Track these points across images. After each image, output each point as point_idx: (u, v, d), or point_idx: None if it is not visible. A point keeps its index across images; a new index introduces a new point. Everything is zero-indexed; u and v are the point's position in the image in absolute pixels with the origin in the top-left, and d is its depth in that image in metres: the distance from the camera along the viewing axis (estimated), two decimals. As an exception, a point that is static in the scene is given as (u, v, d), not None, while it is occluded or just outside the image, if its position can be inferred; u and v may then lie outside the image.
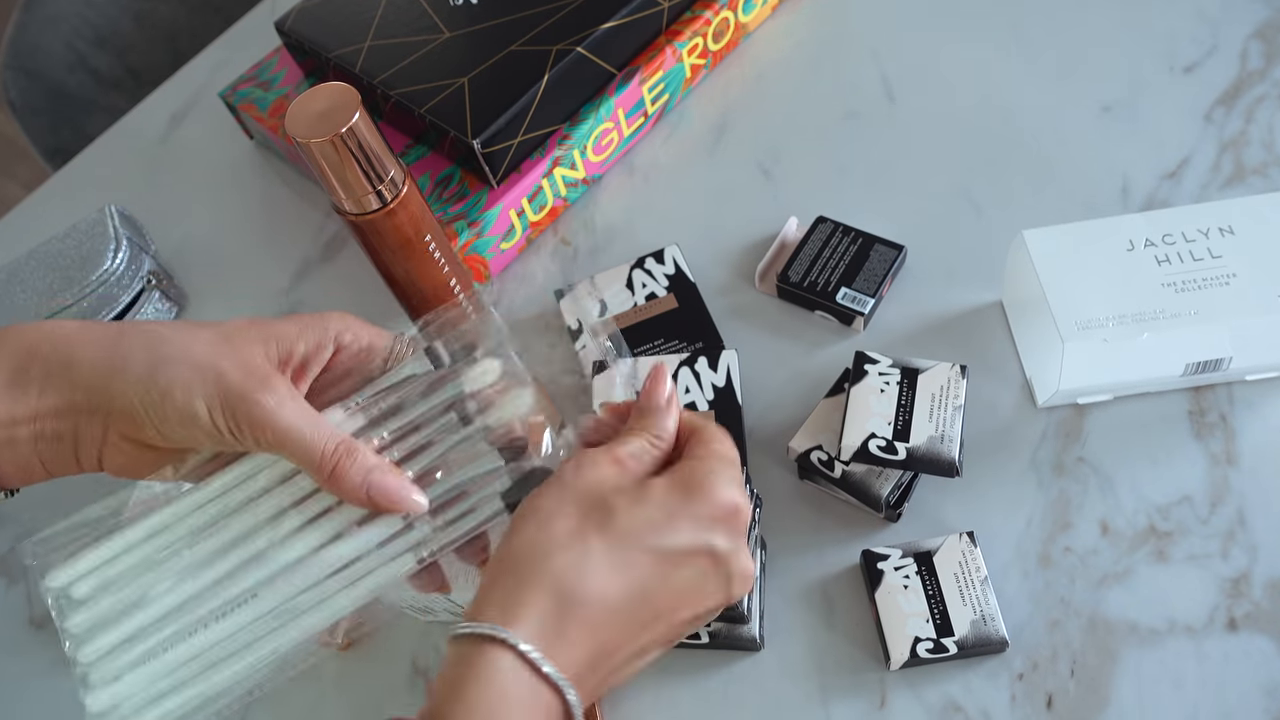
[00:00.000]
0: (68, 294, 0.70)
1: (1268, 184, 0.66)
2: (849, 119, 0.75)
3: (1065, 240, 0.57)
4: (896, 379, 0.57)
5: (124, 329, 0.42)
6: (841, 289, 0.64)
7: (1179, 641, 0.52)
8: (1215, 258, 0.55)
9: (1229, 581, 0.53)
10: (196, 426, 0.40)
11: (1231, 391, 0.59)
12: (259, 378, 0.41)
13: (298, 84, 0.80)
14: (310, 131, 0.53)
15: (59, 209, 0.85)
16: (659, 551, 0.38)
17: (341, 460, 0.41)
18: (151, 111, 0.91)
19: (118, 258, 0.71)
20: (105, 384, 0.41)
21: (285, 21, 0.77)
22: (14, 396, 0.41)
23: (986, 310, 0.64)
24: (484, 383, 0.44)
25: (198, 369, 0.40)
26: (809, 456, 0.57)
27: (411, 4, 0.75)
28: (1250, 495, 0.55)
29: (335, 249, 0.78)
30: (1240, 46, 0.72)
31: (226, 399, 0.40)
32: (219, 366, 0.40)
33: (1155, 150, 0.69)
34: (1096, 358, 0.55)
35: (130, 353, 0.41)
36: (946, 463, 0.54)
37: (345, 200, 0.57)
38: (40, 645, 0.64)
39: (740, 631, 0.54)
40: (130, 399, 0.40)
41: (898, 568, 0.54)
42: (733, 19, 0.79)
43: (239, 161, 0.85)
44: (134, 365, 0.41)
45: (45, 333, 0.42)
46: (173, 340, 0.42)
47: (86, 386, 0.41)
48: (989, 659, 0.53)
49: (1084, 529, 0.56)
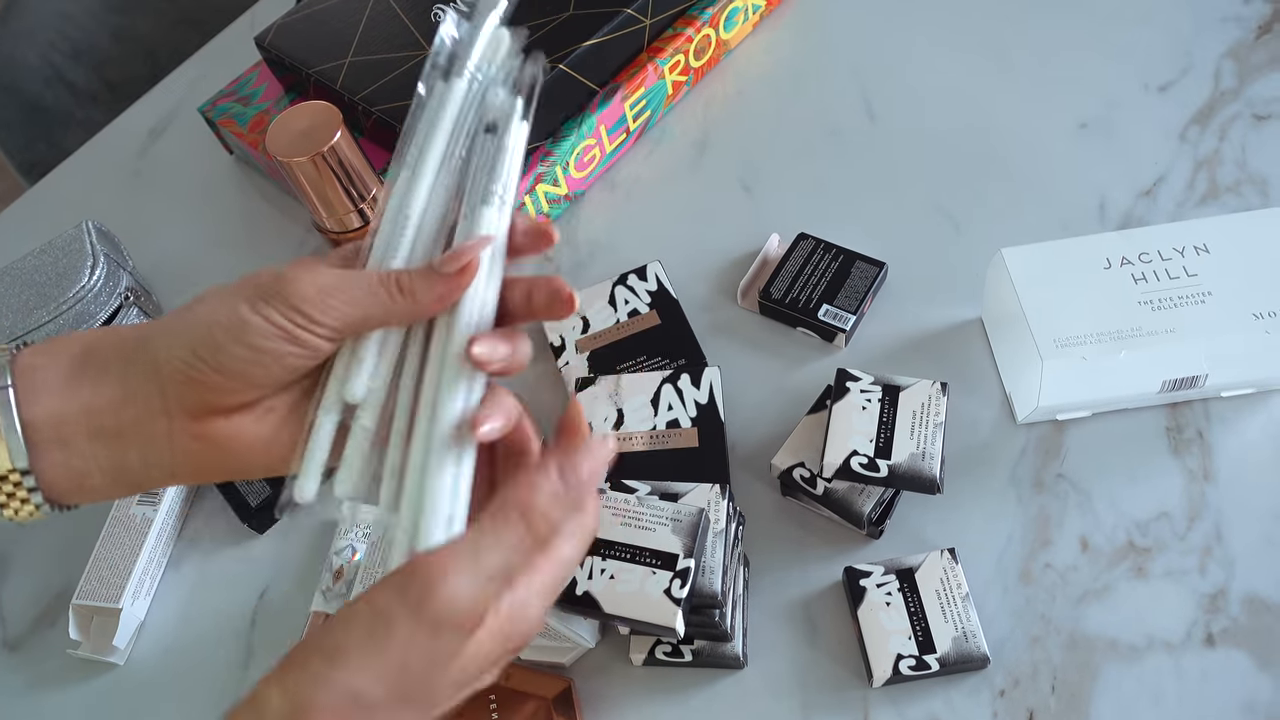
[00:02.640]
0: (44, 311, 0.69)
1: (1241, 202, 0.67)
2: (830, 136, 0.76)
3: (1043, 258, 0.58)
4: (878, 396, 0.57)
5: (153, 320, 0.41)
6: (823, 306, 0.65)
7: (1158, 658, 0.52)
8: (1191, 276, 0.56)
9: (1207, 597, 0.53)
10: (253, 334, 0.38)
11: (1208, 408, 0.59)
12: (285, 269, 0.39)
13: (278, 99, 0.80)
14: (291, 150, 0.52)
15: (35, 224, 0.84)
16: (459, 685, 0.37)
17: (399, 274, 0.39)
18: (129, 126, 0.91)
19: (94, 274, 0.71)
20: (148, 352, 0.39)
21: (265, 37, 0.77)
22: (69, 392, 0.39)
23: (966, 327, 0.65)
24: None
25: (227, 293, 0.39)
26: (791, 473, 0.58)
27: (393, 20, 0.75)
28: (1227, 511, 0.56)
29: (316, 265, 0.78)
30: (1214, 66, 0.73)
31: (265, 294, 0.38)
32: (250, 279, 0.39)
33: (1131, 168, 0.70)
34: (1075, 375, 0.55)
35: (170, 317, 0.40)
36: (928, 480, 0.54)
37: (327, 218, 0.57)
38: (14, 668, 0.63)
39: (723, 650, 0.54)
40: (174, 348, 0.38)
41: (880, 585, 0.54)
42: (714, 36, 0.79)
43: (218, 177, 0.84)
44: (169, 322, 0.40)
45: (106, 332, 0.41)
46: (197, 296, 0.40)
47: (135, 366, 0.39)
48: (971, 676, 0.53)
49: (1064, 545, 0.56)
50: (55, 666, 0.62)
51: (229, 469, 0.41)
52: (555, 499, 0.37)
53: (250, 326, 0.38)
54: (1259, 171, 0.68)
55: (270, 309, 0.38)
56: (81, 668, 0.62)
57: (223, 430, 0.39)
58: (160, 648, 0.62)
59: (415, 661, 0.35)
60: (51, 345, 0.40)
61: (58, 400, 0.39)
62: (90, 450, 0.39)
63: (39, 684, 0.62)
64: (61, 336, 0.41)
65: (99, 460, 0.39)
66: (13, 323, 0.69)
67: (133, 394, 0.39)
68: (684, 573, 0.50)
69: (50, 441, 0.39)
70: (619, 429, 0.61)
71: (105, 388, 0.39)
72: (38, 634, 0.64)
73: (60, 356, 0.40)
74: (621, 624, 0.51)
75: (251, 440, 0.40)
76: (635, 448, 0.60)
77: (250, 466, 0.41)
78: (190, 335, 0.38)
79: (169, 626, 0.62)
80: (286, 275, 0.38)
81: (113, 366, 0.39)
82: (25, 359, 0.39)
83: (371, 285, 0.39)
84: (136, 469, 0.40)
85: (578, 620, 0.54)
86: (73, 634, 0.61)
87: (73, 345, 0.40)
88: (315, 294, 0.38)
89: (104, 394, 0.39)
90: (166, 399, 0.39)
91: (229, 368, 0.38)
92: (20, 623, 0.64)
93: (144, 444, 0.39)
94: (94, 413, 0.39)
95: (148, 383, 0.39)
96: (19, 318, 0.69)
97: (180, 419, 0.39)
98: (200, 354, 0.38)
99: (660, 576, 0.50)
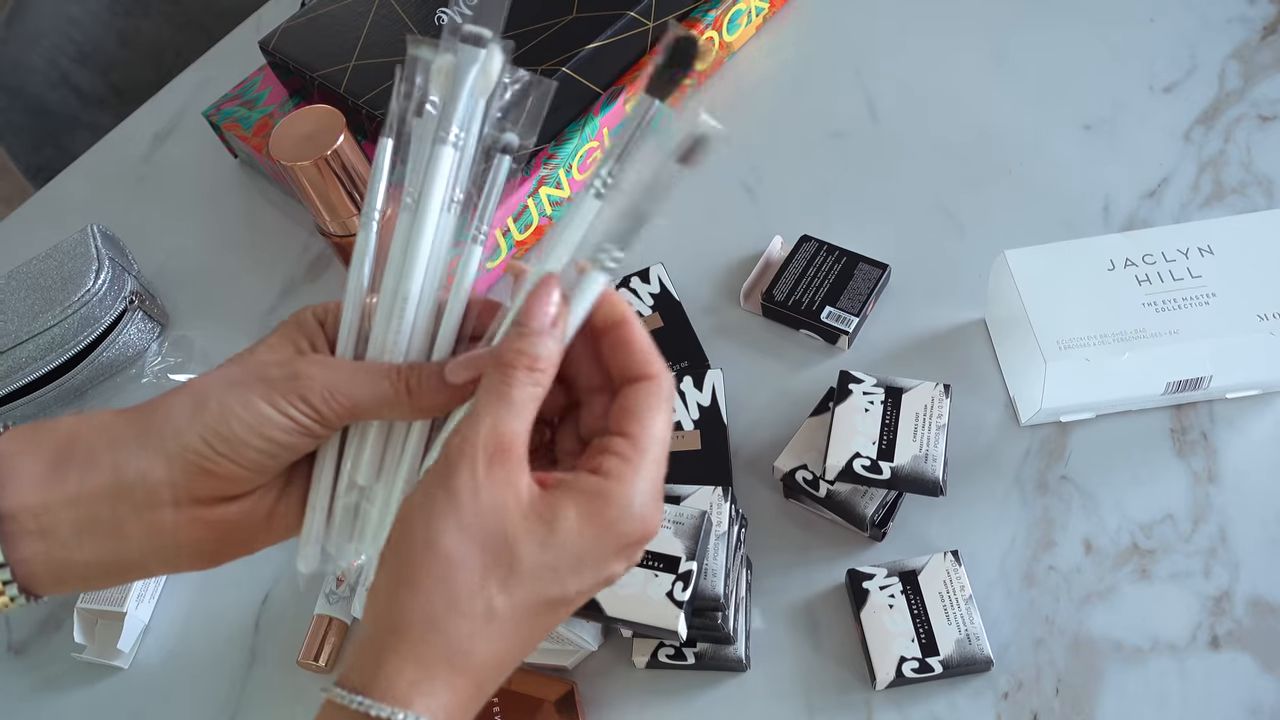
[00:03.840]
0: (49, 315, 0.69)
1: (1246, 203, 0.67)
2: (833, 138, 0.76)
3: (1047, 260, 0.58)
4: (881, 398, 0.57)
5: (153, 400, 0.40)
6: (826, 308, 0.65)
7: (1162, 660, 0.52)
8: (1195, 277, 0.56)
9: (1211, 599, 0.53)
10: (272, 429, 0.38)
11: (1212, 409, 0.59)
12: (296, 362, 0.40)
13: (282, 103, 0.80)
14: (295, 154, 0.53)
15: (41, 228, 0.85)
16: (561, 600, 0.37)
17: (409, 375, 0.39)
18: (135, 130, 0.91)
19: (100, 278, 0.71)
20: (153, 443, 0.38)
21: (270, 41, 0.77)
22: (53, 482, 0.38)
23: (970, 329, 0.65)
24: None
25: (235, 383, 0.39)
26: (794, 476, 0.58)
27: (397, 24, 0.75)
28: (1232, 513, 0.56)
29: (320, 268, 0.78)
30: (1219, 67, 0.73)
31: (280, 388, 0.38)
32: (252, 371, 0.39)
33: (1136, 170, 0.69)
34: (1079, 377, 0.55)
35: (171, 405, 0.39)
36: (931, 482, 0.54)
37: (330, 222, 0.57)
38: (20, 671, 0.63)
39: (726, 652, 0.54)
40: (188, 440, 0.38)
41: (883, 587, 0.54)
42: (717, 39, 0.79)
43: (223, 180, 0.85)
44: (172, 412, 0.39)
45: (92, 419, 0.39)
46: (200, 382, 0.40)
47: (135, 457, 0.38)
48: (974, 678, 0.53)
49: (1067, 547, 0.56)
50: (60, 670, 0.62)
51: (233, 550, 0.41)
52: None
53: (270, 421, 0.38)
54: (1264, 173, 0.67)
55: (286, 404, 0.38)
56: (86, 671, 0.62)
57: (231, 514, 0.39)
58: (164, 651, 0.62)
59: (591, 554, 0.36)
60: (35, 430, 0.39)
61: (39, 490, 0.38)
62: (77, 542, 0.38)
63: (45, 687, 0.62)
64: (45, 421, 0.40)
65: (86, 553, 0.38)
66: (19, 326, 0.70)
67: (131, 485, 0.38)
68: (686, 575, 0.50)
69: (29, 533, 0.38)
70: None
71: (95, 477, 0.38)
72: (43, 638, 0.64)
73: (43, 444, 0.38)
74: (624, 627, 0.51)
75: (257, 519, 0.40)
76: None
77: (254, 542, 0.41)
78: (205, 430, 0.38)
79: (173, 630, 0.63)
80: (301, 371, 0.38)
81: (102, 456, 0.38)
82: (3, 445, 0.38)
83: (379, 385, 0.39)
84: (135, 560, 0.39)
85: (580, 623, 0.54)
86: (78, 638, 0.61)
87: (56, 432, 0.39)
88: (323, 389, 0.38)
89: (94, 484, 0.38)
90: (176, 489, 0.38)
91: (247, 459, 0.38)
92: (26, 627, 0.65)
93: (147, 535, 0.38)
94: (83, 504, 0.38)
95: (152, 475, 0.38)
96: (25, 321, 0.70)
97: (189, 508, 0.39)
98: (217, 447, 0.38)
99: (663, 579, 0.50)
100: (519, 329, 0.38)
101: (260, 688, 0.60)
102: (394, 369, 0.39)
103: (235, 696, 0.60)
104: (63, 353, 0.70)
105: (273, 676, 0.60)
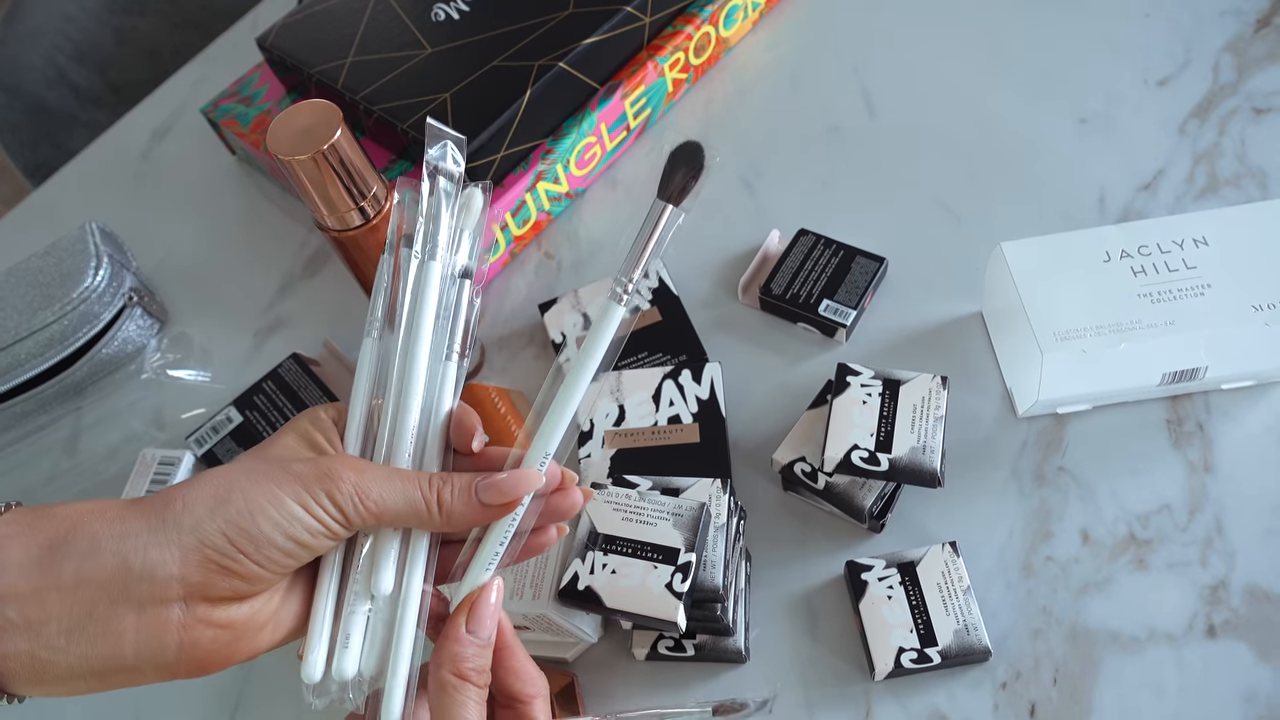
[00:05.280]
0: (49, 311, 0.70)
1: (1241, 195, 0.67)
2: (830, 132, 0.76)
3: (1043, 252, 0.58)
4: (878, 390, 0.57)
5: (168, 490, 0.37)
6: (824, 301, 0.65)
7: (1159, 649, 0.52)
8: (1190, 269, 0.56)
9: (1208, 589, 0.53)
10: (299, 529, 0.37)
11: (1208, 400, 0.59)
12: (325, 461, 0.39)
13: (279, 100, 0.80)
14: (292, 149, 0.53)
15: (39, 225, 0.85)
16: None
17: (441, 488, 0.39)
18: (132, 127, 0.91)
19: (99, 275, 0.71)
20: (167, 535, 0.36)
21: (267, 38, 0.77)
22: (46, 568, 0.34)
23: (967, 321, 0.65)
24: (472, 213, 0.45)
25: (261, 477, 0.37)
26: (792, 468, 0.58)
27: (393, 20, 0.75)
28: (1227, 503, 0.56)
29: (318, 264, 0.78)
30: (1213, 60, 0.73)
31: (309, 487, 0.37)
32: (284, 468, 0.38)
33: (1131, 162, 0.70)
34: (1075, 368, 0.55)
35: (190, 497, 0.37)
36: (929, 473, 0.54)
37: (328, 216, 0.57)
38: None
39: (725, 644, 0.54)
40: (207, 535, 0.36)
41: (881, 578, 0.54)
42: (714, 33, 0.79)
43: (221, 177, 0.85)
44: (191, 504, 0.36)
45: (93, 505, 0.36)
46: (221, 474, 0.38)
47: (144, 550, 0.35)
48: (972, 668, 0.53)
49: (1065, 538, 0.56)
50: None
51: (233, 655, 0.38)
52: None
53: (298, 521, 0.37)
54: (1258, 165, 0.68)
55: (315, 504, 0.37)
56: (88, 665, 0.62)
57: (241, 615, 0.38)
58: (166, 645, 0.62)
59: None
60: (35, 514, 0.36)
61: (29, 577, 0.34)
62: (65, 641, 0.34)
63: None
64: (49, 505, 0.37)
65: (73, 654, 0.35)
66: (18, 323, 0.70)
67: (138, 579, 0.35)
68: (685, 567, 0.50)
69: (13, 626, 0.34)
70: (620, 425, 0.61)
71: (95, 568, 0.35)
72: (44, 632, 0.64)
73: (40, 528, 0.35)
74: (624, 619, 0.51)
75: (263, 621, 0.39)
76: (637, 444, 0.61)
77: (257, 648, 0.39)
78: (227, 526, 0.36)
79: (174, 624, 0.63)
80: (331, 470, 0.38)
81: (106, 545, 0.35)
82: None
83: (410, 494, 0.39)
84: (128, 664, 0.36)
85: (580, 615, 0.55)
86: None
87: (58, 517, 0.36)
88: (352, 493, 0.38)
89: (93, 575, 0.35)
90: (188, 586, 0.36)
91: (269, 558, 0.37)
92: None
93: (146, 636, 0.35)
94: (79, 596, 0.35)
95: (164, 568, 0.35)
96: (24, 318, 0.70)
97: (197, 607, 0.36)
98: (239, 545, 0.36)
99: (662, 571, 0.50)
100: (470, 640, 0.40)
101: (261, 683, 0.60)
102: (427, 478, 0.40)
103: (236, 691, 0.60)
104: (62, 349, 0.70)
105: (274, 672, 0.60)
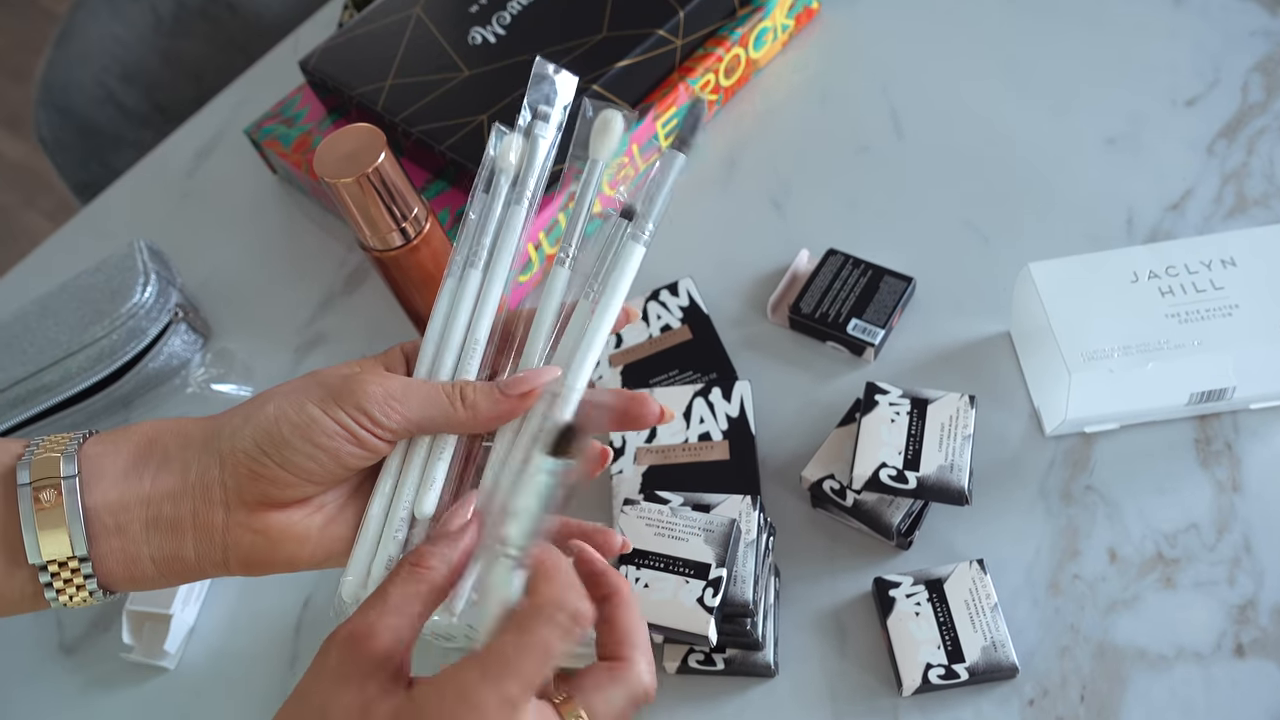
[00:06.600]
0: (99, 326, 0.72)
1: (1270, 215, 0.67)
2: (859, 153, 0.77)
3: (1071, 272, 0.58)
4: (907, 409, 0.58)
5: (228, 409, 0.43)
6: (852, 320, 0.66)
7: (1187, 668, 0.52)
8: (1218, 289, 0.56)
9: (1236, 608, 0.54)
10: (318, 433, 0.39)
11: (1236, 420, 0.60)
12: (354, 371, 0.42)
13: (320, 121, 0.82)
14: (338, 172, 0.54)
15: (88, 242, 0.87)
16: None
17: (464, 386, 0.41)
18: (178, 147, 0.94)
19: (146, 291, 0.73)
20: (214, 444, 0.41)
21: (310, 60, 0.79)
22: (130, 480, 0.40)
23: (994, 341, 0.65)
24: None
25: (296, 390, 0.41)
26: (821, 485, 0.59)
27: (431, 43, 0.77)
28: (1256, 522, 0.56)
29: (357, 281, 0.80)
30: (1241, 80, 0.74)
31: (336, 395, 0.40)
32: (316, 379, 0.41)
33: (1158, 182, 0.70)
34: (1103, 388, 0.56)
35: (236, 410, 0.41)
36: (956, 491, 0.55)
37: (370, 237, 0.58)
38: (70, 670, 0.65)
39: (754, 658, 0.55)
40: (240, 441, 0.40)
41: (909, 595, 0.55)
42: (744, 55, 0.81)
43: (263, 196, 0.87)
44: (235, 416, 0.41)
45: (171, 424, 0.42)
46: (271, 389, 0.42)
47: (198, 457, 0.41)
48: (1000, 685, 0.53)
49: (1092, 556, 0.57)
50: (109, 670, 0.64)
51: (277, 562, 0.42)
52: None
53: (317, 425, 0.40)
54: (1288, 185, 0.68)
55: (338, 410, 0.40)
56: (134, 671, 0.64)
57: (277, 523, 0.41)
58: (209, 652, 0.64)
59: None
60: (116, 434, 0.42)
61: (118, 488, 0.40)
62: (145, 537, 0.40)
63: (93, 686, 0.64)
64: (127, 426, 0.42)
65: (152, 548, 0.40)
66: (69, 338, 0.72)
67: (192, 486, 0.40)
68: (716, 582, 0.51)
69: (109, 529, 0.40)
70: (652, 442, 0.63)
71: (166, 478, 0.40)
72: (92, 638, 0.66)
73: (123, 445, 0.41)
74: (655, 632, 0.52)
75: (303, 535, 0.42)
76: (668, 460, 0.62)
77: (297, 560, 0.42)
78: (256, 431, 0.40)
79: (218, 632, 0.65)
80: (355, 378, 0.40)
81: (174, 457, 0.41)
82: (90, 447, 0.41)
83: (435, 394, 0.41)
84: (190, 560, 0.41)
85: (612, 628, 0.56)
86: (126, 639, 0.63)
87: (136, 434, 0.42)
88: (382, 398, 0.40)
89: (164, 484, 0.40)
90: (226, 491, 0.40)
91: (292, 463, 0.40)
92: (76, 627, 0.67)
93: (200, 536, 0.41)
94: (153, 502, 0.40)
95: (209, 475, 0.40)
96: (75, 333, 0.72)
97: (238, 511, 0.40)
98: (265, 449, 0.40)
99: (693, 585, 0.51)
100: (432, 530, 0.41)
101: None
102: (450, 383, 0.42)
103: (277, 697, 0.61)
104: (111, 363, 0.72)
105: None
